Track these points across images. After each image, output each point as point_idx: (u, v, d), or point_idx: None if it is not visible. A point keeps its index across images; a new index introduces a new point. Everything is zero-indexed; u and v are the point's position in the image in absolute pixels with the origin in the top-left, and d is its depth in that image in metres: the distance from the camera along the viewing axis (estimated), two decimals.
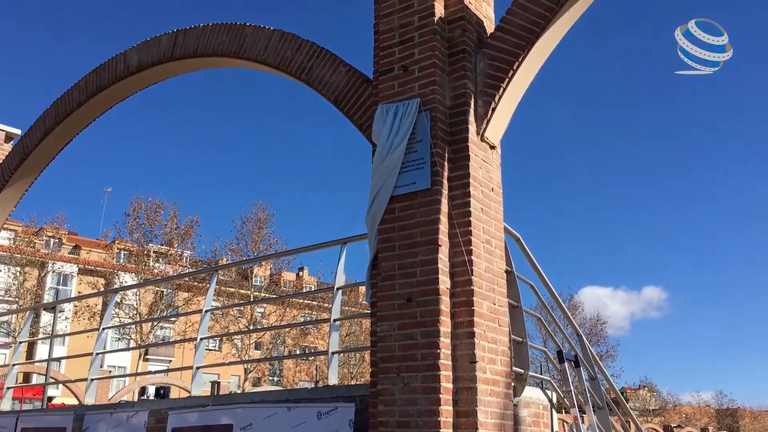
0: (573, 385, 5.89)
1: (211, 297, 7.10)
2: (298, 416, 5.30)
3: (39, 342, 41.30)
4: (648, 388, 65.86)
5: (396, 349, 4.61)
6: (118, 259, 45.38)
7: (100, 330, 7.73)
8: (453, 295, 4.65)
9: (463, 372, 4.50)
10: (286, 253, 18.23)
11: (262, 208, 37.68)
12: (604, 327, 47.96)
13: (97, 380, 7.77)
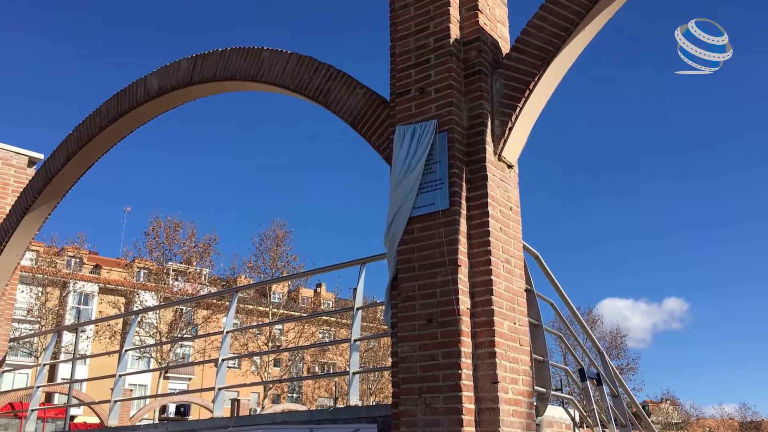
0: (595, 403, 5.86)
1: (231, 318, 7.14)
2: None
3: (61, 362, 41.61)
4: (670, 401, 65.04)
5: (417, 370, 4.62)
6: (138, 278, 45.71)
7: (123, 352, 7.80)
8: (473, 315, 4.66)
9: (485, 392, 4.50)
10: (306, 274, 18.33)
11: (281, 225, 37.90)
12: (624, 340, 47.53)
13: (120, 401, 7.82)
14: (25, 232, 8.69)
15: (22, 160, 9.40)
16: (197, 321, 37.72)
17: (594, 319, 44.52)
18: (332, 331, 47.78)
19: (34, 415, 8.72)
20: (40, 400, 9.30)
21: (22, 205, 8.65)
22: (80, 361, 40.69)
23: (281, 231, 37.63)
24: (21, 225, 8.58)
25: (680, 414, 66.33)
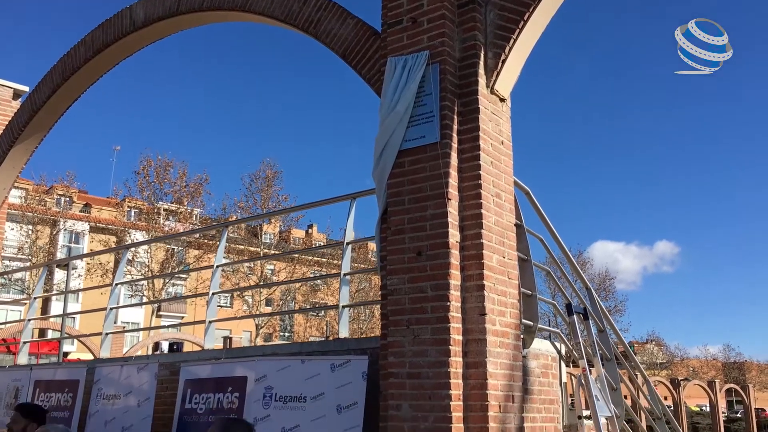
0: (581, 338, 5.93)
1: (221, 253, 7.14)
2: (311, 368, 5.37)
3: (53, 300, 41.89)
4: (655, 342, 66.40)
5: (406, 302, 4.64)
6: (128, 217, 45.63)
7: (113, 285, 7.82)
8: (463, 248, 4.66)
9: (473, 324, 4.53)
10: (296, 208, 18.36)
11: (270, 165, 37.68)
12: (612, 282, 48.21)
13: (111, 335, 7.88)
14: (12, 165, 8.59)
15: (6, 93, 9.23)
16: (189, 260, 37.88)
17: (584, 262, 44.99)
18: (324, 272, 48.08)
19: (26, 348, 8.80)
20: (31, 334, 9.37)
21: (7, 139, 8.53)
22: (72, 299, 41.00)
23: (271, 171, 37.44)
24: (7, 158, 8.48)
25: (665, 354, 67.78)
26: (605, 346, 6.44)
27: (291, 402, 5.38)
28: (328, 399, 5.18)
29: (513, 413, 4.59)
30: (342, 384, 5.15)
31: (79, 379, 7.08)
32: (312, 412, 5.23)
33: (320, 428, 5.13)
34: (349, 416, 5.02)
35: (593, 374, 5.87)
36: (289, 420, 5.32)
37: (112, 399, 6.69)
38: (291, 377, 5.45)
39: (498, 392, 4.48)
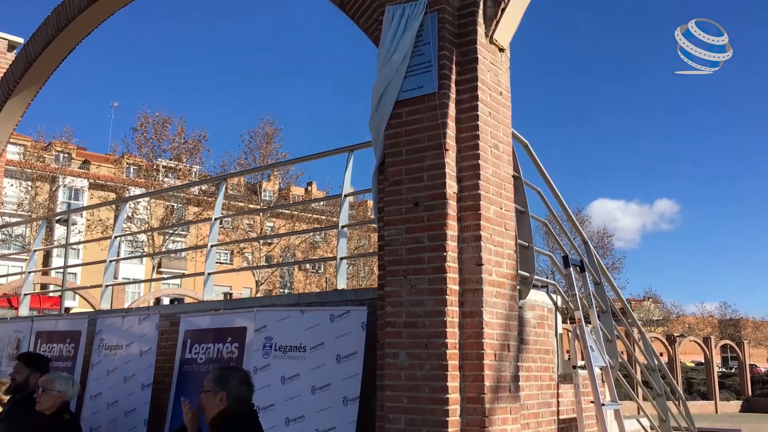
0: (578, 290, 5.98)
1: (219, 205, 7.16)
2: (311, 319, 5.43)
3: (54, 256, 42.08)
4: (652, 299, 66.95)
5: (403, 253, 4.66)
6: (127, 174, 45.58)
7: (113, 238, 7.86)
8: (460, 199, 4.66)
9: (470, 274, 4.56)
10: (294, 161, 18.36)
11: (270, 122, 37.49)
12: (610, 240, 48.39)
13: (111, 288, 7.94)
14: (8, 118, 8.54)
15: (1, 44, 9.12)
16: (188, 217, 37.96)
17: (582, 220, 45.09)
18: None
19: (27, 300, 8.87)
20: (32, 288, 9.44)
21: (3, 91, 8.46)
22: (73, 255, 41.18)
23: (270, 128, 37.27)
24: (3, 111, 8.42)
25: (661, 311, 68.40)
26: (601, 298, 6.50)
27: (291, 352, 5.45)
28: (328, 349, 5.25)
29: (508, 362, 4.65)
30: (341, 334, 5.22)
31: (81, 330, 7.16)
32: (312, 361, 5.31)
33: (320, 377, 5.21)
34: (349, 365, 5.10)
35: (589, 326, 5.94)
36: (288, 369, 5.40)
37: (114, 349, 6.78)
38: (291, 327, 5.51)
39: (494, 341, 4.53)
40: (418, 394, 4.41)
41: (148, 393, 6.24)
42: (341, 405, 5.05)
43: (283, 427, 5.25)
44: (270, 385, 5.45)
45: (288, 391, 5.34)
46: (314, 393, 5.21)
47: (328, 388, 5.15)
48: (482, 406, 4.36)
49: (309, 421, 5.15)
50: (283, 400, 5.34)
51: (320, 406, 5.14)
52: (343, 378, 5.09)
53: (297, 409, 5.24)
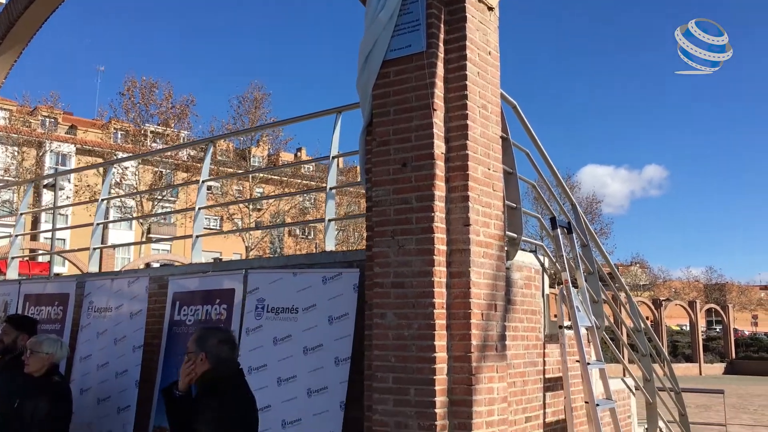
0: (565, 252, 6.02)
1: (207, 168, 7.11)
2: (303, 281, 5.46)
3: (42, 223, 41.86)
4: (639, 264, 67.59)
5: (391, 213, 4.66)
6: (115, 139, 45.18)
7: (100, 201, 7.81)
8: (448, 159, 4.65)
9: (457, 235, 4.57)
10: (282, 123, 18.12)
11: (258, 87, 37.19)
12: (599, 206, 48.60)
13: (99, 251, 7.93)
14: None
15: None
16: (177, 182, 37.76)
17: (572, 186, 45.19)
18: (313, 196, 48.12)
19: (15, 263, 8.84)
20: (19, 251, 9.40)
21: None
22: (61, 222, 40.96)
23: (259, 93, 36.99)
24: None
25: (648, 276, 69.09)
26: (588, 260, 6.55)
27: (283, 313, 5.49)
28: (320, 310, 5.30)
29: (495, 321, 4.69)
30: (333, 296, 5.25)
31: (69, 293, 7.16)
32: (304, 322, 5.35)
33: (312, 338, 5.25)
34: (341, 326, 5.14)
35: (576, 288, 5.99)
36: (281, 330, 5.44)
37: (103, 312, 6.79)
38: (283, 289, 5.54)
39: (481, 301, 4.56)
40: (406, 353, 4.44)
41: (139, 354, 6.27)
42: (333, 365, 5.10)
43: (275, 387, 5.31)
44: (262, 346, 5.49)
45: (280, 352, 5.39)
46: (306, 354, 5.26)
47: (320, 348, 5.20)
48: (469, 365, 4.40)
49: (301, 381, 5.21)
50: (275, 361, 5.39)
51: (312, 366, 5.19)
52: (335, 339, 5.13)
53: (289, 370, 5.29)
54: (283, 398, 5.24)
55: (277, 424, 5.20)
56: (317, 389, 5.12)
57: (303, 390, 5.17)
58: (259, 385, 5.32)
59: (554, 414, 5.62)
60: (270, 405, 5.27)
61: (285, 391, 5.25)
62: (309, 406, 5.11)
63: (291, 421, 5.16)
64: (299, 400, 5.17)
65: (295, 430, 5.12)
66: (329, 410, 5.02)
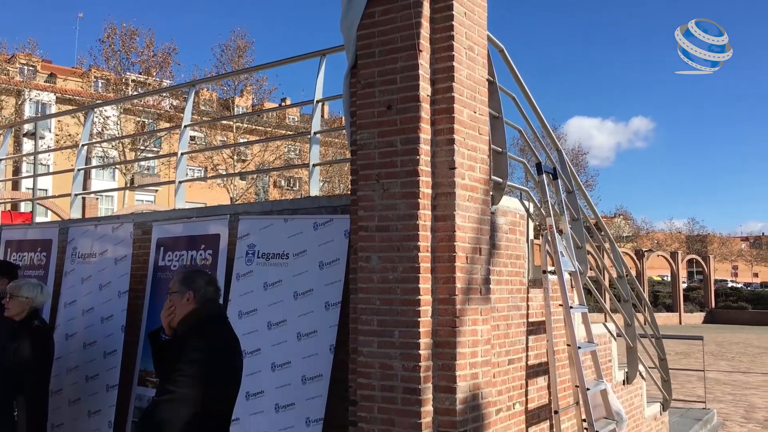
0: (550, 197, 6.02)
1: (189, 112, 7.00)
2: (294, 227, 5.46)
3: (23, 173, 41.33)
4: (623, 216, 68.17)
5: (376, 157, 4.62)
6: (95, 88, 44.42)
7: (80, 146, 7.70)
8: (433, 102, 4.60)
9: (442, 178, 4.55)
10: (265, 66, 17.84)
11: (241, 35, 36.59)
12: (585, 158, 48.77)
13: (82, 198, 7.84)
14: None
15: None
16: (160, 133, 37.34)
17: (558, 137, 45.08)
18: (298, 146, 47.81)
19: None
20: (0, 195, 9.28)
21: None
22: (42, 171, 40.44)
23: (242, 41, 36.40)
24: None
25: (631, 228, 69.80)
26: (573, 206, 6.56)
27: (273, 259, 5.50)
28: (311, 256, 5.31)
29: (480, 265, 4.71)
30: (324, 242, 5.26)
31: (52, 239, 7.11)
32: (294, 268, 5.37)
33: (302, 283, 5.28)
34: (331, 272, 5.16)
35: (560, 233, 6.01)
36: (271, 275, 5.46)
37: (87, 258, 6.75)
38: (274, 235, 5.54)
39: (465, 244, 4.57)
40: (391, 296, 4.46)
41: (124, 300, 6.27)
42: (323, 310, 5.14)
43: (265, 331, 5.35)
44: (252, 291, 5.51)
45: (270, 297, 5.41)
46: (296, 298, 5.29)
47: (311, 293, 5.23)
48: (453, 307, 4.43)
49: (291, 325, 5.25)
50: (265, 306, 5.41)
51: (302, 310, 5.23)
52: (326, 284, 5.16)
53: (279, 314, 5.32)
54: (273, 342, 5.29)
55: (266, 368, 5.26)
56: (307, 333, 5.17)
57: (293, 334, 5.21)
58: (249, 329, 5.36)
59: (537, 357, 5.70)
60: (260, 348, 5.32)
61: (275, 335, 5.29)
62: (299, 349, 5.16)
63: (280, 364, 5.22)
64: (289, 343, 5.21)
65: (285, 372, 5.17)
66: (318, 353, 5.07)
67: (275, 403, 5.13)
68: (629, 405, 7.39)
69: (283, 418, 5.07)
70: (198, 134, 40.20)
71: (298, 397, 5.05)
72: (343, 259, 5.09)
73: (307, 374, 5.07)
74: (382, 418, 4.37)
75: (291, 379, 5.13)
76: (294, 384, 5.10)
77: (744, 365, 20.97)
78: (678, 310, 45.52)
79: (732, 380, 17.06)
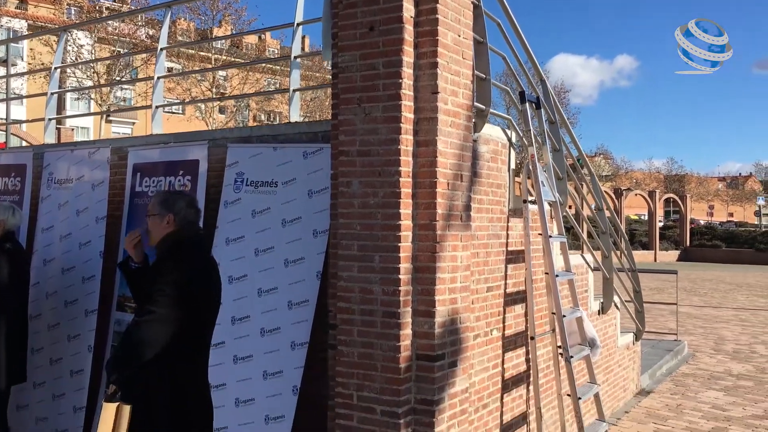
0: (532, 127, 5.99)
1: (165, 35, 6.80)
2: (284, 155, 5.40)
3: None
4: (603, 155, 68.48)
5: (358, 80, 4.53)
6: (68, 15, 43.08)
7: (53, 70, 7.47)
8: (417, 24, 4.48)
9: (425, 102, 4.48)
10: None
11: None
12: (567, 96, 48.58)
13: (55, 123, 7.66)
14: None
15: None
16: (136, 64, 36.54)
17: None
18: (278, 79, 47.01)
19: None
20: None
21: None
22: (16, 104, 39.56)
23: None
24: None
25: (611, 167, 70.20)
26: (555, 137, 6.54)
27: (262, 187, 5.46)
28: (300, 184, 5.28)
29: (461, 192, 4.69)
30: (314, 170, 5.23)
31: (26, 164, 6.97)
32: (283, 196, 5.34)
33: (291, 211, 5.27)
34: (320, 200, 5.13)
35: (541, 163, 6.01)
36: (259, 203, 5.43)
37: (64, 183, 6.64)
38: (263, 163, 5.49)
39: (447, 170, 4.54)
40: (371, 222, 4.44)
41: (102, 225, 6.20)
42: (311, 237, 5.14)
43: (252, 258, 5.35)
44: (240, 218, 5.49)
45: (258, 224, 5.40)
46: (285, 226, 5.28)
47: (299, 221, 5.22)
48: (434, 233, 4.43)
49: (278, 252, 5.25)
50: (252, 233, 5.40)
51: (290, 238, 5.23)
52: (314, 212, 5.15)
53: (267, 241, 5.32)
54: (260, 268, 5.30)
55: (253, 293, 5.28)
56: (294, 260, 5.18)
57: (280, 260, 5.22)
58: (236, 255, 5.36)
59: (515, 285, 5.76)
60: (246, 274, 5.33)
61: (262, 262, 5.30)
62: (285, 275, 5.17)
63: (267, 290, 5.24)
64: (276, 269, 5.22)
65: (271, 297, 5.20)
66: (305, 279, 5.09)
67: (261, 327, 5.17)
68: (603, 334, 7.55)
69: (269, 341, 5.11)
70: (176, 66, 39.32)
71: (284, 322, 5.09)
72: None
73: (293, 300, 5.10)
74: (362, 341, 4.42)
75: (277, 304, 5.16)
76: (280, 309, 5.13)
77: (715, 300, 21.49)
78: (654, 248, 46.29)
79: (703, 314, 17.49)
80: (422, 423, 4.38)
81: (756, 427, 7.44)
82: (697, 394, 8.94)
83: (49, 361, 6.32)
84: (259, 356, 5.13)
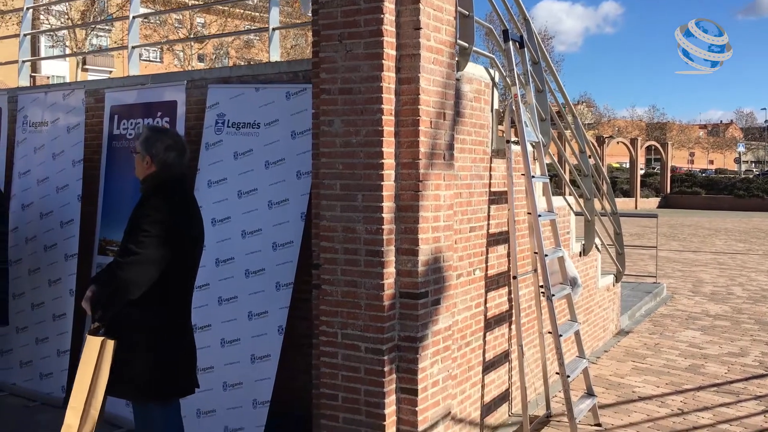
0: (516, 66, 5.91)
1: None
2: (266, 96, 5.31)
3: None
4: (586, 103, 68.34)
5: (338, 16, 4.43)
6: None
7: (25, 10, 7.25)
8: None
9: (407, 39, 4.40)
10: None
11: None
12: (551, 42, 48.12)
13: (29, 66, 7.48)
14: None
15: None
16: (111, 10, 35.64)
17: None
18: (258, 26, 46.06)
19: None
20: None
21: None
22: None
23: None
24: None
25: (594, 115, 70.13)
26: (538, 77, 6.47)
27: (244, 128, 5.38)
28: (282, 125, 5.21)
29: (443, 130, 4.65)
30: (297, 111, 5.15)
31: (1, 107, 6.82)
32: (265, 137, 5.28)
33: (274, 153, 5.21)
34: (304, 141, 5.07)
35: (525, 103, 5.96)
36: (241, 145, 5.36)
37: (39, 126, 6.51)
38: (244, 104, 5.40)
39: (430, 108, 4.49)
40: (353, 160, 4.41)
41: (79, 169, 6.11)
42: (295, 178, 5.11)
43: (235, 200, 5.31)
44: (222, 160, 5.43)
45: (241, 166, 5.34)
46: (267, 167, 5.23)
47: (282, 162, 5.17)
48: (416, 171, 4.40)
49: (262, 194, 5.21)
50: (235, 174, 5.35)
51: (273, 179, 5.19)
52: (298, 153, 5.10)
53: (250, 183, 5.28)
54: (243, 210, 5.27)
55: (236, 235, 5.26)
56: (278, 201, 5.15)
57: (264, 202, 5.18)
58: (218, 197, 5.32)
59: (498, 225, 5.78)
60: (230, 216, 5.29)
61: (245, 203, 5.26)
62: (269, 217, 5.15)
63: (251, 231, 5.22)
64: (260, 211, 5.19)
65: (255, 239, 5.18)
66: (290, 221, 5.08)
67: (245, 269, 5.16)
68: (584, 275, 7.63)
69: (254, 282, 5.11)
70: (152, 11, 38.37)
71: (269, 263, 5.08)
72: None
73: (278, 241, 5.08)
74: (345, 279, 4.42)
75: (262, 245, 5.14)
76: (264, 250, 5.12)
77: (694, 245, 21.79)
78: (635, 196, 46.64)
79: (682, 258, 17.75)
80: (406, 359, 4.43)
81: (732, 363, 7.62)
82: (675, 333, 9.12)
83: (31, 306, 6.29)
84: (244, 297, 5.13)
